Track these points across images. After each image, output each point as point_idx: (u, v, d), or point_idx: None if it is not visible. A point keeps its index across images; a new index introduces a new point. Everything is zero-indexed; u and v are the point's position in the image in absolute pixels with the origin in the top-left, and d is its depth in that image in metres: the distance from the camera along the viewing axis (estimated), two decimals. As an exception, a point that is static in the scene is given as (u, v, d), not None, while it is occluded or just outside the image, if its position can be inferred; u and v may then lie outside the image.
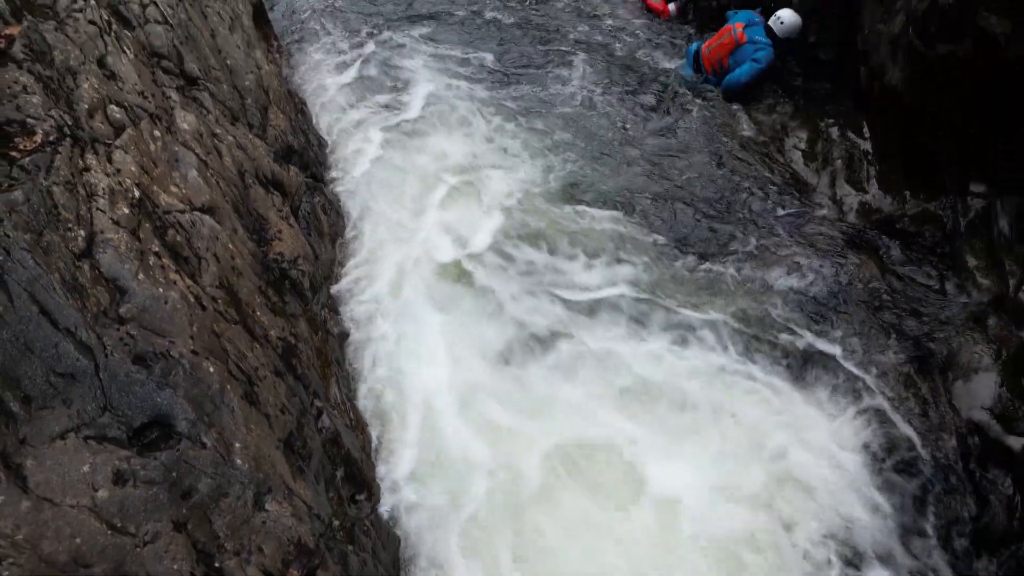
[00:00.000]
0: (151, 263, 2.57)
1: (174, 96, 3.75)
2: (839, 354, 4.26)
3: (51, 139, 2.52)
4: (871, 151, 5.34)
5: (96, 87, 2.98)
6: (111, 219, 2.54)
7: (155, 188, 2.95)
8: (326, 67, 6.65)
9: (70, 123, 2.68)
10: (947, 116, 4.62)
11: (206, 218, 3.16)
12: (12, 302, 1.99)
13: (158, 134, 3.24)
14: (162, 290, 2.50)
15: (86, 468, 1.95)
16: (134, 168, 2.85)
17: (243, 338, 2.88)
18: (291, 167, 4.74)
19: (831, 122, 5.69)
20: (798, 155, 5.61)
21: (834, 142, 5.54)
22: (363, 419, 3.77)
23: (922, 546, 3.47)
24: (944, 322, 4.21)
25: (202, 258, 2.96)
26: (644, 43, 7.26)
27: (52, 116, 2.60)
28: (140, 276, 2.47)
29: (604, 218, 5.25)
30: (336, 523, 2.84)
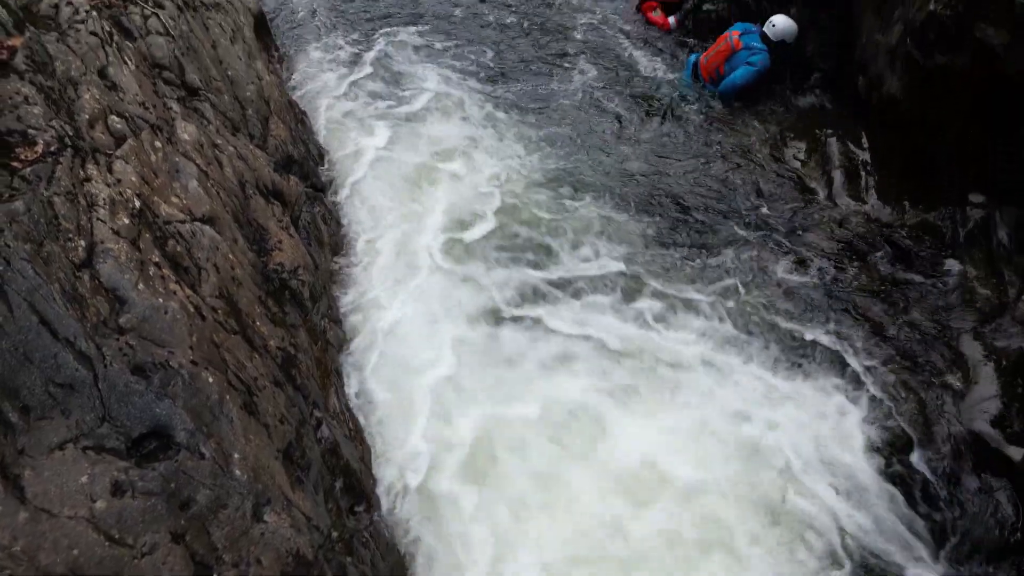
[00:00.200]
0: (151, 273, 2.57)
1: (175, 107, 3.76)
2: (834, 356, 4.23)
3: (52, 149, 2.53)
4: (870, 161, 5.35)
5: (97, 98, 2.99)
6: (111, 229, 2.55)
7: (155, 198, 2.96)
8: (327, 76, 6.68)
9: (71, 133, 2.69)
10: (945, 126, 4.64)
11: (206, 228, 3.16)
12: (12, 312, 1.99)
13: (159, 144, 3.25)
14: (162, 300, 2.50)
15: (84, 479, 1.94)
16: (135, 178, 2.86)
17: (243, 348, 2.88)
18: (291, 177, 4.75)
19: (829, 132, 5.70)
20: (796, 163, 5.62)
21: (832, 151, 5.55)
22: (362, 429, 3.76)
23: (916, 556, 3.43)
24: (943, 331, 4.21)
25: (202, 268, 2.96)
26: (644, 53, 7.31)
27: (53, 126, 2.61)
28: (140, 286, 2.47)
29: (599, 209, 5.37)
30: (335, 534, 2.83)
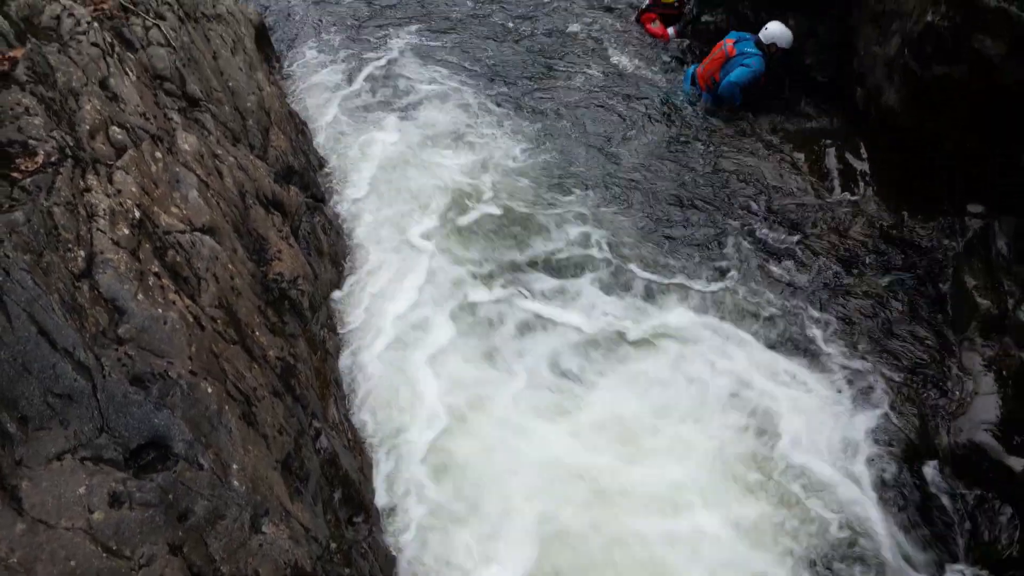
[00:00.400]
0: (150, 283, 2.57)
1: (176, 117, 3.78)
2: (833, 363, 4.22)
3: (52, 160, 2.53)
4: (868, 171, 5.36)
5: (98, 108, 3.00)
6: (111, 239, 2.55)
7: (156, 209, 2.96)
8: (327, 86, 6.70)
9: (72, 144, 2.70)
10: (943, 137, 4.66)
11: (206, 238, 3.17)
12: (11, 322, 1.99)
13: (159, 155, 3.26)
14: (161, 310, 2.50)
15: (82, 490, 1.94)
16: (135, 189, 2.86)
17: (242, 358, 2.87)
18: (291, 187, 4.76)
19: (828, 142, 5.72)
20: (795, 173, 5.63)
21: (831, 162, 5.57)
22: (361, 439, 3.76)
23: (914, 566, 3.40)
24: (942, 341, 4.21)
25: (201, 278, 2.96)
26: (642, 62, 7.36)
27: (54, 137, 2.62)
28: (139, 296, 2.47)
29: (597, 204, 5.50)
30: (333, 546, 2.82)
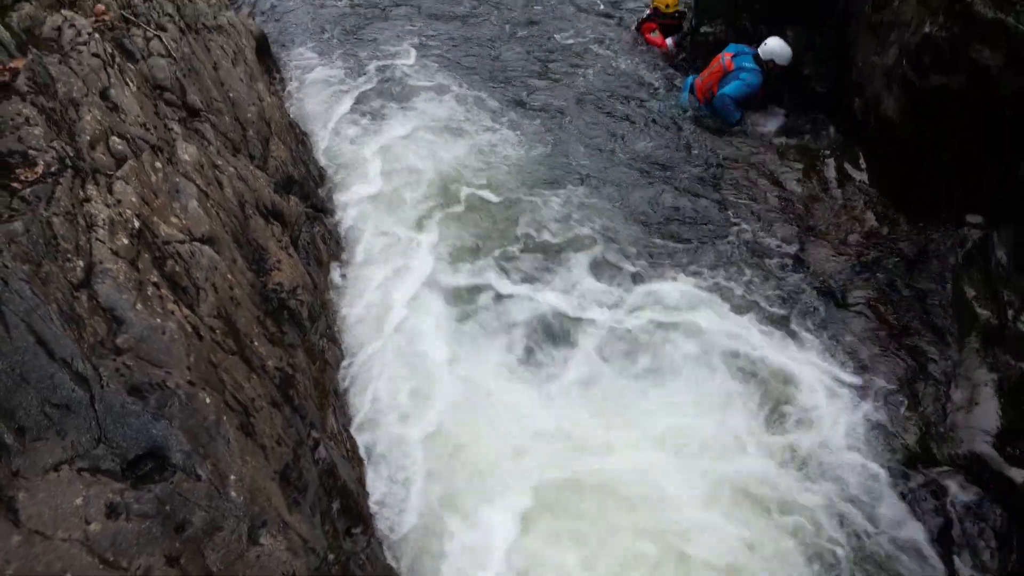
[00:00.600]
0: (149, 293, 2.57)
1: (176, 128, 3.79)
2: (832, 372, 4.21)
3: (52, 170, 2.54)
4: (867, 181, 5.37)
5: (98, 119, 3.01)
6: (110, 249, 2.55)
7: (155, 219, 2.97)
8: (328, 96, 6.71)
9: (72, 154, 2.71)
10: (942, 147, 4.66)
11: (205, 248, 3.17)
12: (9, 332, 1.99)
13: (159, 165, 3.27)
14: (160, 320, 2.50)
15: (79, 501, 1.93)
16: (135, 199, 2.87)
17: (240, 368, 2.87)
18: (291, 197, 4.77)
19: (827, 152, 5.73)
20: (793, 182, 5.64)
21: (830, 171, 5.57)
22: (359, 450, 3.74)
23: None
24: (942, 351, 4.20)
25: (200, 288, 2.96)
26: (641, 71, 7.40)
27: (54, 147, 2.62)
28: (138, 306, 2.47)
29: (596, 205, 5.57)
30: (331, 557, 2.80)
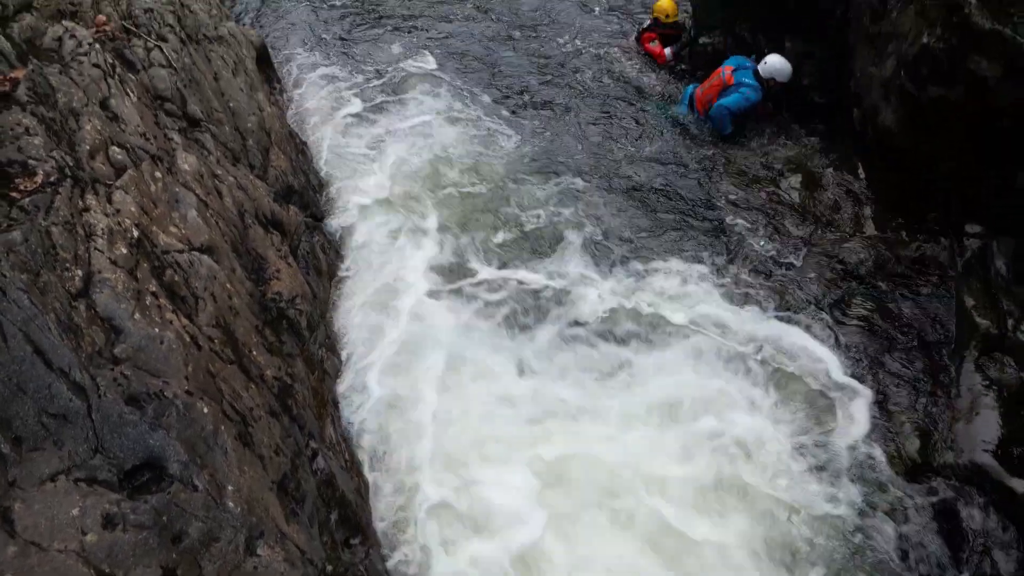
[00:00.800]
0: (148, 303, 2.57)
1: (176, 138, 3.80)
2: (830, 381, 4.20)
3: (52, 180, 2.54)
4: (866, 191, 5.37)
5: (98, 128, 3.02)
6: (109, 259, 2.55)
7: (154, 228, 2.97)
8: (328, 105, 6.73)
9: (71, 164, 2.71)
10: (940, 157, 4.67)
11: (204, 258, 3.17)
12: (6, 342, 1.99)
13: (159, 175, 3.27)
14: (158, 330, 2.49)
15: (75, 511, 1.92)
16: (134, 208, 2.87)
17: (239, 378, 2.86)
18: (291, 207, 4.77)
19: (826, 162, 5.74)
20: (793, 193, 5.64)
21: (829, 182, 5.58)
22: (358, 460, 3.73)
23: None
24: (942, 361, 4.19)
25: (199, 297, 2.96)
26: (639, 78, 7.43)
27: (53, 157, 2.63)
28: (136, 316, 2.47)
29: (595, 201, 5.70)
30: (329, 568, 2.79)
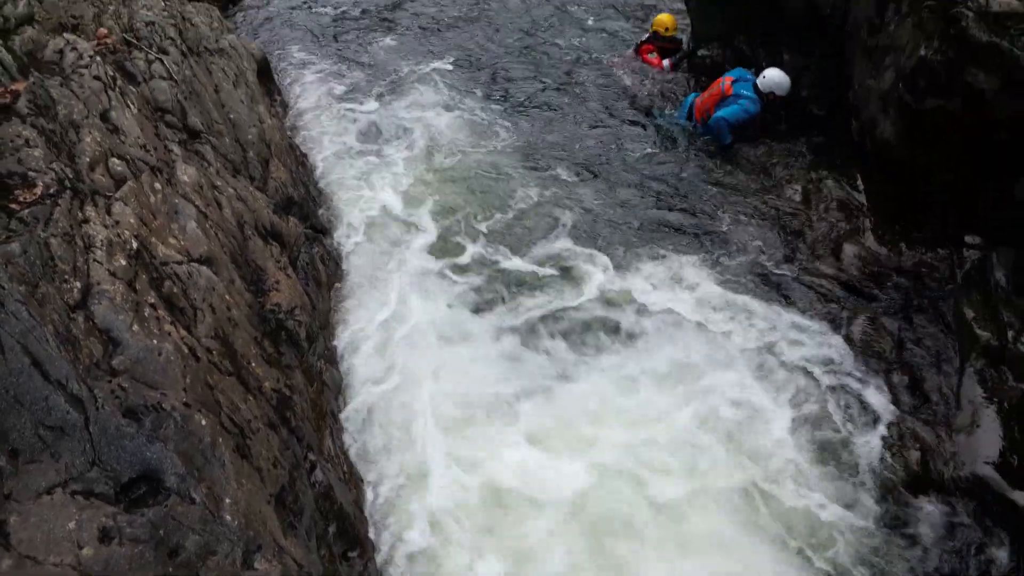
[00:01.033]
0: (146, 314, 2.57)
1: (176, 149, 3.81)
2: (830, 391, 4.18)
3: (51, 191, 2.54)
4: (865, 203, 5.38)
5: (98, 140, 3.03)
6: (108, 270, 2.55)
7: (153, 239, 2.97)
8: (328, 117, 6.76)
9: (71, 176, 2.71)
10: (938, 169, 4.68)
11: (203, 269, 3.17)
12: (4, 354, 1.98)
13: (159, 186, 3.27)
14: (156, 341, 2.49)
15: (72, 525, 1.91)
16: (133, 220, 2.87)
17: (237, 390, 2.85)
18: (291, 218, 4.77)
19: (825, 174, 5.75)
20: (792, 204, 5.65)
21: (828, 193, 5.59)
22: (357, 472, 3.71)
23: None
24: (942, 373, 4.18)
25: (198, 309, 2.95)
26: (637, 87, 7.50)
27: (53, 169, 2.63)
28: (134, 327, 2.46)
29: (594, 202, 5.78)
30: (327, 581, 2.77)
